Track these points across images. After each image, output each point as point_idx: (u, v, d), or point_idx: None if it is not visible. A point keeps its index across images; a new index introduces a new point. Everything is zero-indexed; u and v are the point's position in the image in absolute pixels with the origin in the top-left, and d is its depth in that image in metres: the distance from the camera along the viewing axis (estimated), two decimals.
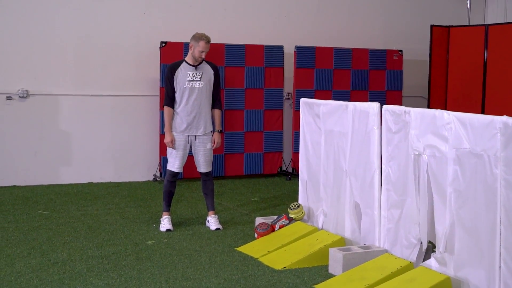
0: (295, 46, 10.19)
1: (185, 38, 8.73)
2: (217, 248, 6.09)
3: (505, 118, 4.32)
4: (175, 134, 6.70)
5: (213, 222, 6.82)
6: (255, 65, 9.96)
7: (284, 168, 10.40)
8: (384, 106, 5.44)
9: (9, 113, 9.07)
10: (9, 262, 5.55)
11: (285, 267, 5.50)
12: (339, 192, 5.99)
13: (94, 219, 7.17)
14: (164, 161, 8.95)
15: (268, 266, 5.55)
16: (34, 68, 9.19)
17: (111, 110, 9.60)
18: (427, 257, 5.17)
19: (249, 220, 7.20)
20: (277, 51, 10.10)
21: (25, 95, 9.10)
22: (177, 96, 6.67)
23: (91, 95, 9.47)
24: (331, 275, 5.34)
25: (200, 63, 6.71)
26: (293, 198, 8.16)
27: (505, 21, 11.31)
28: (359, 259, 5.35)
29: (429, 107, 10.45)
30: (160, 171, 9.61)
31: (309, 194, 6.55)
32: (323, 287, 5.06)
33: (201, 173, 6.86)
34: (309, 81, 10.26)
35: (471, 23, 11.78)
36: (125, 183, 9.49)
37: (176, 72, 6.67)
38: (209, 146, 6.78)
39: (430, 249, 5.22)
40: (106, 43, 9.51)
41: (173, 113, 6.71)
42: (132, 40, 9.64)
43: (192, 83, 6.65)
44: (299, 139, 6.72)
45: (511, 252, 4.32)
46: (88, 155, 9.47)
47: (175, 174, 6.77)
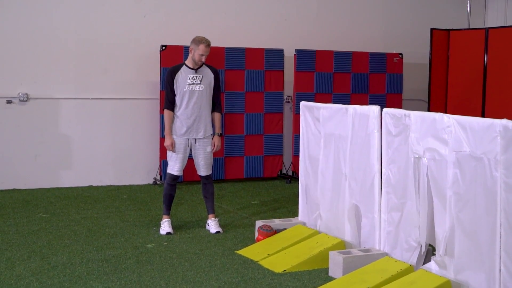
0: (295, 50, 10.20)
1: (185, 42, 8.75)
2: (217, 251, 6.09)
3: (505, 121, 4.32)
4: (175, 137, 6.70)
5: (213, 225, 6.82)
6: (255, 69, 9.96)
7: (284, 171, 10.40)
8: (384, 109, 5.44)
9: (9, 117, 9.07)
10: (9, 266, 5.55)
11: (285, 270, 5.50)
12: (339, 195, 5.99)
13: (94, 222, 7.17)
14: (164, 164, 8.95)
15: (268, 269, 5.55)
16: (35, 71, 9.20)
17: (111, 114, 9.60)
18: (427, 260, 5.18)
19: (249, 224, 7.19)
20: (277, 55, 10.11)
21: (25, 99, 9.11)
22: (177, 99, 6.68)
23: (91, 98, 9.47)
24: (331, 278, 5.34)
25: (200, 66, 6.72)
26: (293, 201, 8.17)
27: (505, 25, 11.32)
28: (359, 262, 5.35)
29: (429, 110, 10.46)
30: (160, 174, 9.61)
31: (309, 197, 6.54)
32: None
33: (201, 176, 6.86)
34: (309, 84, 10.26)
35: (471, 27, 11.79)
36: (125, 186, 9.49)
37: (176, 75, 6.67)
38: (209, 149, 6.79)
39: (430, 252, 5.22)
40: (107, 46, 9.52)
41: (173, 116, 6.71)
42: (132, 44, 9.65)
43: (192, 86, 6.65)
44: (299, 142, 6.72)
45: (511, 255, 4.32)
46: (88, 158, 9.47)
47: (175, 177, 6.77)
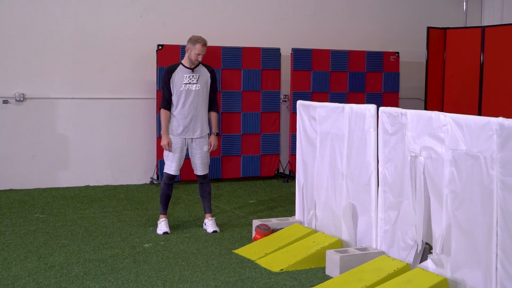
0: (292, 49, 10.20)
1: (181, 41, 8.75)
2: (214, 250, 6.09)
3: (501, 119, 4.33)
4: (171, 136, 6.70)
5: (210, 225, 6.83)
6: (252, 68, 9.96)
7: (281, 171, 10.40)
8: (381, 108, 5.45)
9: (5, 117, 9.06)
10: (6, 266, 5.55)
11: (282, 270, 5.50)
12: (335, 194, 5.99)
13: (91, 222, 7.17)
14: (161, 164, 8.95)
15: (265, 269, 5.55)
16: (31, 71, 9.18)
17: (108, 113, 9.60)
18: (424, 258, 5.18)
19: (246, 223, 7.20)
20: (274, 54, 10.11)
21: (21, 99, 9.09)
22: (174, 98, 6.68)
23: (88, 98, 9.46)
24: (328, 277, 5.34)
25: (197, 66, 6.72)
26: (290, 201, 8.18)
27: (501, 23, 11.33)
28: (356, 261, 5.36)
29: (426, 109, 10.47)
30: (157, 174, 9.61)
31: (305, 196, 6.55)
32: None
33: (198, 175, 6.86)
34: (306, 83, 10.26)
35: (467, 25, 11.80)
36: (122, 186, 9.49)
37: (173, 75, 6.67)
38: (206, 148, 6.79)
39: (427, 250, 5.23)
40: (103, 46, 9.51)
41: (170, 115, 6.71)
42: (129, 43, 9.64)
43: (189, 85, 6.66)
44: (296, 141, 6.72)
45: (507, 254, 4.33)
46: (85, 158, 9.47)
47: (172, 177, 6.77)
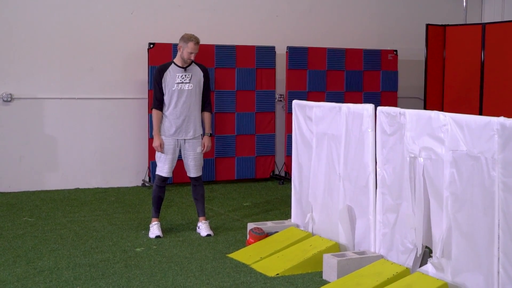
0: (287, 47, 10.20)
1: (173, 39, 8.74)
2: (208, 255, 6.09)
3: (502, 119, 4.34)
4: (164, 137, 6.69)
5: (203, 228, 6.82)
6: (246, 66, 9.96)
7: (276, 172, 10.40)
8: (379, 108, 5.45)
9: None
10: None
11: (278, 274, 5.50)
12: (332, 196, 6.00)
13: (81, 226, 7.16)
14: (153, 165, 8.94)
15: (260, 273, 5.55)
16: (18, 71, 9.16)
17: (98, 114, 9.58)
18: (423, 262, 5.19)
19: (241, 226, 7.19)
20: (268, 52, 10.12)
21: (9, 99, 9.07)
22: (166, 98, 6.67)
23: (77, 98, 9.45)
24: (325, 282, 5.34)
25: (189, 64, 6.72)
26: (286, 203, 8.18)
27: (502, 20, 11.37)
28: (354, 265, 5.36)
29: (425, 108, 10.49)
30: (149, 176, 9.59)
31: (302, 199, 6.55)
32: None
33: (191, 177, 6.86)
34: (301, 82, 10.27)
35: (467, 22, 11.82)
36: (113, 188, 9.47)
37: (165, 74, 6.67)
38: (199, 150, 6.78)
39: (426, 254, 5.23)
40: (93, 44, 9.50)
41: (162, 116, 6.71)
42: (119, 42, 9.63)
43: (181, 85, 6.65)
44: (291, 142, 6.73)
45: (509, 257, 4.34)
46: (75, 160, 9.45)
47: (164, 179, 6.76)
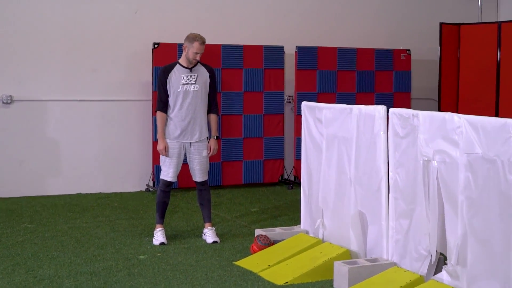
0: (296, 46, 10.19)
1: (179, 39, 8.73)
2: (214, 262, 6.07)
3: None
4: (168, 141, 6.69)
5: (209, 235, 6.81)
6: (253, 67, 9.96)
7: (285, 177, 10.39)
8: (391, 109, 5.43)
9: None
10: None
11: (287, 283, 5.48)
12: (343, 201, 5.98)
13: (82, 233, 7.16)
14: (157, 170, 8.94)
15: (268, 282, 5.53)
16: (19, 72, 9.19)
17: (101, 116, 9.60)
18: (438, 270, 5.16)
19: (248, 233, 7.18)
20: (277, 52, 10.11)
21: (9, 101, 9.09)
22: (171, 100, 6.67)
23: (80, 100, 9.47)
24: None
25: (195, 65, 6.71)
26: (295, 208, 8.16)
27: None
28: (366, 272, 5.34)
29: (439, 109, 10.46)
30: (153, 180, 9.60)
31: (311, 204, 6.53)
32: None
33: (196, 182, 6.85)
34: (311, 83, 10.25)
35: (482, 21, 11.78)
36: (116, 193, 9.48)
37: (170, 75, 6.67)
38: (205, 153, 6.78)
39: (441, 261, 5.21)
40: (95, 44, 9.52)
41: (166, 118, 6.70)
42: (123, 42, 9.64)
43: (187, 86, 6.65)
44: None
45: None
46: (77, 164, 9.46)
47: (169, 184, 6.76)
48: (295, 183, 10.05)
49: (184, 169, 7.03)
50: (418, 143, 5.13)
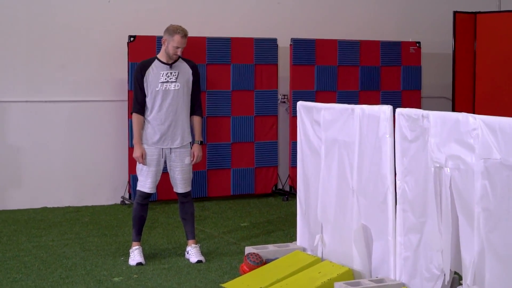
0: (291, 39, 10.22)
1: (157, 32, 8.73)
2: (199, 284, 6.08)
3: None
4: (146, 147, 6.69)
5: (193, 253, 6.81)
6: (243, 62, 9.98)
7: (280, 187, 10.40)
8: (398, 110, 5.45)
9: None
10: None
11: None
12: (345, 214, 5.99)
13: (49, 252, 7.15)
14: (133, 180, 8.94)
15: None
16: None
17: (69, 119, 9.59)
18: None
19: (237, 251, 7.19)
20: (269, 45, 10.14)
21: None
22: (148, 101, 6.68)
23: (45, 101, 9.46)
24: None
25: (176, 61, 6.73)
26: (290, 223, 8.17)
27: None
28: None
29: (453, 109, 10.50)
30: (129, 192, 9.60)
31: (309, 218, 6.54)
32: None
33: (178, 193, 6.85)
34: (308, 80, 10.28)
35: (502, 9, 11.84)
36: (86, 207, 9.47)
37: (147, 72, 6.68)
38: (187, 160, 6.78)
39: (456, 281, 5.23)
40: (63, 38, 9.52)
41: (144, 121, 6.71)
42: (94, 35, 9.65)
43: (166, 85, 6.66)
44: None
45: None
46: (42, 174, 9.45)
47: (147, 196, 6.76)
48: (291, 193, 10.06)
49: (164, 179, 7.03)
50: (428, 148, 5.15)
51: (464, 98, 10.64)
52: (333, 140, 6.11)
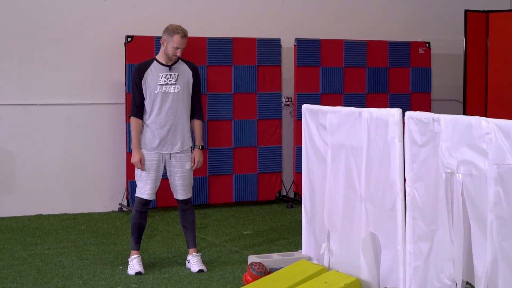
0: (296, 39, 10.23)
1: (156, 32, 8.76)
2: None
3: None
4: (145, 151, 6.71)
5: (194, 263, 6.82)
6: (245, 63, 9.99)
7: (284, 193, 10.41)
8: (407, 113, 5.45)
9: None
10: None
11: None
12: (352, 222, 6.00)
13: (44, 261, 7.16)
14: (132, 186, 8.95)
15: None
16: None
17: (65, 123, 9.60)
18: None
19: (240, 259, 7.20)
20: (273, 46, 10.15)
21: None
22: (147, 104, 6.69)
23: (39, 104, 9.47)
24: None
25: (175, 62, 6.74)
26: (295, 231, 8.18)
27: None
28: None
29: (465, 113, 10.49)
30: (127, 199, 9.61)
31: (315, 225, 6.55)
32: None
33: (178, 200, 6.86)
34: (313, 82, 10.29)
35: None
36: (83, 214, 9.48)
37: (146, 74, 6.69)
38: (188, 166, 6.80)
39: None
40: (58, 39, 9.53)
41: (142, 125, 6.72)
42: (91, 35, 9.66)
43: (166, 87, 6.68)
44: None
45: None
46: (36, 179, 9.46)
47: (146, 203, 6.77)
48: (295, 200, 10.07)
49: (164, 185, 7.04)
50: (439, 153, 5.15)
51: (476, 101, 10.63)
52: (340, 145, 6.12)
